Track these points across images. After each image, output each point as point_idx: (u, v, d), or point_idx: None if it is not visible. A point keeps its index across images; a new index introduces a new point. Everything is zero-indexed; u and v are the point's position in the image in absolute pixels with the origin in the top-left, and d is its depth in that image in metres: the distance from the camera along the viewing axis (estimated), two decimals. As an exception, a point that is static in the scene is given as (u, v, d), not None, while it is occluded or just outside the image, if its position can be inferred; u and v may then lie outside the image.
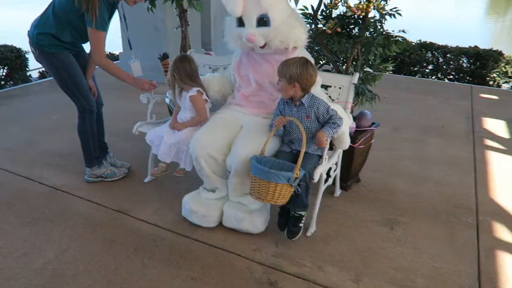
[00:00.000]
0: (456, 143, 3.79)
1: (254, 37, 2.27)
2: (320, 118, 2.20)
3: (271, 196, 2.06)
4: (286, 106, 2.25)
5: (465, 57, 6.24)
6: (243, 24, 2.32)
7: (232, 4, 2.27)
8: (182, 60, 2.47)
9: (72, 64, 2.61)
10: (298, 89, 2.16)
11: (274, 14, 2.27)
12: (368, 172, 3.12)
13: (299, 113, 2.21)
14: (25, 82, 5.40)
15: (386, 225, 2.52)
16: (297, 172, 2.04)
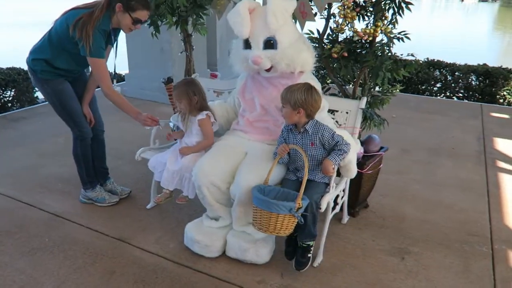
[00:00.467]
0: (468, 165, 3.68)
1: (260, 59, 2.24)
2: (326, 145, 2.13)
3: (273, 227, 1.99)
4: (290, 133, 2.19)
5: (474, 75, 6.17)
6: (250, 46, 2.29)
7: (240, 26, 2.25)
8: (194, 83, 2.44)
9: (64, 91, 2.59)
10: (302, 115, 2.10)
11: (282, 37, 2.24)
12: (377, 197, 3.03)
13: (304, 140, 2.15)
14: (32, 104, 5.43)
15: (396, 255, 2.42)
16: (299, 202, 1.96)
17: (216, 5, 2.85)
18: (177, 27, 2.86)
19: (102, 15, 2.36)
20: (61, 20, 2.44)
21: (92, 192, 2.86)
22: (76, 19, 2.33)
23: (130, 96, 5.64)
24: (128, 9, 2.38)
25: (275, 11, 2.17)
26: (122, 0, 2.37)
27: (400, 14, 2.32)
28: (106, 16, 2.39)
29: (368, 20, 2.43)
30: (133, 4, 2.37)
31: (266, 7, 2.22)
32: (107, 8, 2.39)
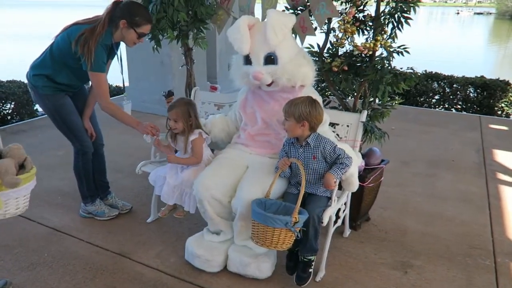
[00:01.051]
0: (468, 177, 3.68)
1: (261, 75, 2.25)
2: (328, 158, 2.13)
3: (270, 241, 1.97)
4: (292, 147, 2.19)
5: (472, 87, 6.21)
6: (250, 62, 2.31)
7: (240, 42, 2.26)
8: (192, 104, 2.44)
9: (65, 106, 2.59)
10: (306, 128, 2.11)
11: (282, 52, 2.25)
12: (378, 210, 3.02)
13: (305, 153, 2.15)
14: (32, 117, 5.43)
15: (399, 268, 2.40)
16: (296, 216, 1.94)
17: (216, 20, 2.88)
18: (178, 41, 2.87)
19: (104, 31, 2.38)
20: (62, 35, 2.45)
21: (92, 206, 2.84)
22: (78, 35, 2.34)
23: (131, 108, 5.64)
24: (132, 25, 2.40)
25: (275, 26, 2.19)
26: (125, 17, 2.39)
27: (400, 29, 2.34)
28: (108, 32, 2.41)
29: (368, 34, 2.46)
30: (137, 20, 2.40)
31: (265, 22, 2.25)
32: (109, 24, 2.41)
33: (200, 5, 2.71)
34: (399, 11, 2.28)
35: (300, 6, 2.53)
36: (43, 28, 23.47)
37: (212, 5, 2.84)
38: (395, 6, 2.29)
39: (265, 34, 2.21)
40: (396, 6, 2.28)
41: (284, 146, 2.24)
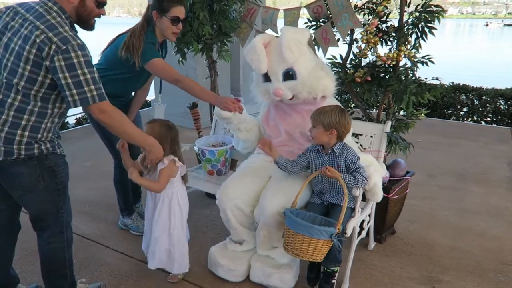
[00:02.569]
0: (499, 191, 3.56)
1: (282, 91, 2.28)
2: (349, 168, 2.12)
3: (306, 252, 1.94)
4: (317, 154, 2.19)
5: (502, 99, 6.03)
6: (269, 79, 2.34)
7: (257, 62, 2.30)
8: (169, 126, 2.16)
9: None
10: (334, 137, 2.10)
11: (300, 68, 2.28)
12: (404, 223, 2.95)
13: (330, 162, 2.14)
14: (63, 129, 5.63)
15: (427, 283, 2.33)
16: (339, 228, 1.93)
17: (240, 33, 2.94)
18: (202, 54, 2.95)
19: (145, 31, 2.39)
20: (111, 48, 2.51)
21: (129, 219, 2.87)
22: (124, 41, 2.38)
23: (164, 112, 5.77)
24: (162, 12, 2.35)
25: (290, 45, 2.21)
26: (155, 8, 2.39)
27: (424, 39, 2.33)
28: (150, 31, 2.41)
29: (391, 45, 2.45)
30: (165, 5, 2.35)
31: (280, 39, 2.26)
32: (148, 24, 2.43)
33: (224, 19, 2.79)
34: (423, 21, 2.27)
35: (323, 18, 2.56)
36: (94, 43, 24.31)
37: (236, 18, 2.91)
38: (419, 16, 2.28)
39: (281, 54, 2.23)
40: (420, 16, 2.28)
41: (307, 151, 2.23)
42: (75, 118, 6.20)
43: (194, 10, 2.68)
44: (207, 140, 2.95)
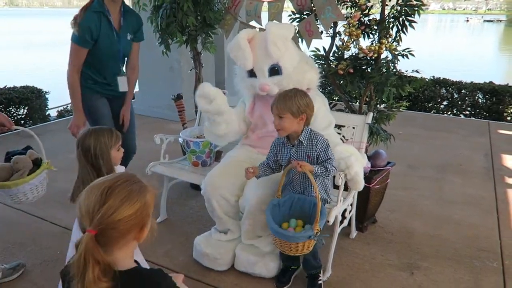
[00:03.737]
0: (476, 181, 3.68)
1: (268, 87, 2.29)
2: (318, 158, 1.98)
3: (295, 250, 1.94)
4: (283, 147, 2.05)
5: (480, 92, 6.20)
6: (255, 75, 2.33)
7: (242, 58, 2.28)
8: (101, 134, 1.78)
9: (96, 109, 2.64)
10: (303, 123, 1.97)
11: (285, 63, 2.28)
12: (385, 212, 3.03)
13: (298, 154, 2.01)
14: (44, 122, 5.55)
15: (406, 269, 2.41)
16: (318, 228, 1.88)
17: (224, 24, 2.95)
18: (187, 45, 2.95)
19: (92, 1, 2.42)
20: None
21: None
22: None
23: (140, 113, 5.75)
24: None
25: (275, 41, 2.21)
26: None
27: (404, 32, 2.38)
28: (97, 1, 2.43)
29: (373, 38, 2.50)
30: None
31: (265, 36, 2.25)
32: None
33: (208, 10, 2.79)
34: (403, 14, 2.32)
35: (306, 11, 2.59)
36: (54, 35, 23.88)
37: (220, 10, 2.91)
38: (400, 10, 2.33)
39: (267, 49, 2.23)
40: (401, 9, 2.33)
41: (272, 148, 2.10)
42: (56, 111, 6.12)
43: (178, 1, 2.67)
44: (191, 131, 2.96)
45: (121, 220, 0.97)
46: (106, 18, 2.46)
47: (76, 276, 0.94)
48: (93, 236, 0.95)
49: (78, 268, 0.93)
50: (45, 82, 6.10)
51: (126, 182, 1.04)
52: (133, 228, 1.01)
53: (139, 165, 3.65)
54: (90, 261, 0.93)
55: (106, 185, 0.99)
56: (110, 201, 0.97)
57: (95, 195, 0.98)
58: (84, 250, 0.93)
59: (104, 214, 0.95)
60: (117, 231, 0.98)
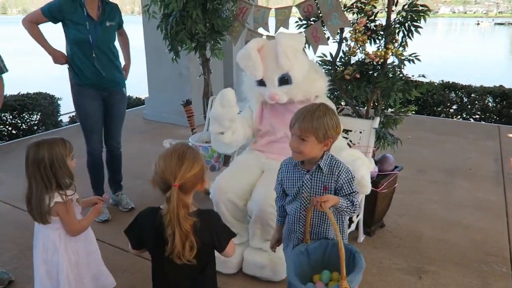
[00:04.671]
0: (485, 185, 3.66)
1: (277, 96, 2.31)
2: (340, 192, 1.60)
3: None
4: (293, 170, 1.66)
5: (490, 96, 6.16)
6: (264, 84, 2.35)
7: (253, 69, 2.30)
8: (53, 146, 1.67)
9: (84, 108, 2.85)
10: (326, 149, 1.60)
11: (295, 72, 2.30)
12: (393, 217, 3.04)
13: (313, 182, 1.61)
14: (56, 127, 5.66)
15: (414, 273, 2.41)
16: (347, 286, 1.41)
17: (232, 31, 3.00)
18: (195, 52, 3.00)
19: None
20: None
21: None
22: None
23: (150, 119, 5.84)
24: None
25: (286, 52, 2.22)
26: None
27: (410, 37, 2.40)
28: None
29: (379, 43, 2.52)
30: None
31: (274, 45, 2.26)
32: None
33: (217, 17, 2.84)
34: (409, 20, 2.34)
35: (313, 17, 2.63)
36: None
37: (228, 17, 2.96)
38: (406, 15, 2.35)
39: (276, 57, 2.25)
40: (407, 15, 2.35)
41: (282, 171, 1.71)
42: (68, 116, 6.23)
43: (188, 9, 2.72)
44: (200, 136, 3.01)
45: (194, 175, 1.37)
46: (81, 8, 2.66)
47: (171, 220, 1.32)
48: (178, 189, 1.32)
49: (173, 213, 1.32)
50: (57, 88, 6.21)
51: (189, 148, 1.42)
52: (199, 180, 1.41)
53: (149, 170, 3.70)
54: (180, 205, 1.32)
55: (179, 152, 1.37)
56: (185, 163, 1.35)
57: (173, 160, 1.35)
58: (176, 199, 1.32)
59: (184, 173, 1.34)
60: (191, 183, 1.38)
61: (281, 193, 1.76)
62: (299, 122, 1.57)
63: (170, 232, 1.34)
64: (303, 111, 1.60)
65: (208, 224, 1.43)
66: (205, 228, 1.40)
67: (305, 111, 1.59)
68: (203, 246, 1.41)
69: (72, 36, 2.69)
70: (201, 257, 1.42)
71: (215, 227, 1.47)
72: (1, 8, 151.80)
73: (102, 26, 2.73)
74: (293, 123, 1.59)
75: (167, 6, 2.76)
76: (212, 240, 1.45)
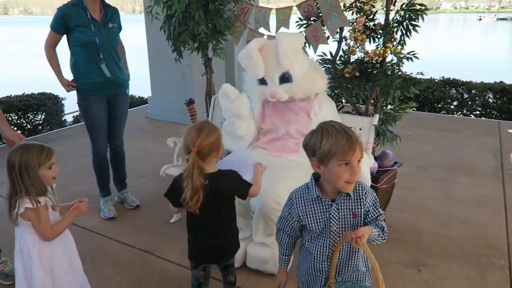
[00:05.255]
0: (485, 181, 3.71)
1: (278, 94, 2.37)
2: (367, 216, 1.43)
3: None
4: (317, 204, 1.43)
5: (490, 92, 6.19)
6: (265, 83, 2.41)
7: (254, 69, 2.36)
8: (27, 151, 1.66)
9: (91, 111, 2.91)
10: None
11: (295, 71, 2.36)
12: (393, 212, 3.09)
13: (341, 212, 1.41)
14: (61, 127, 5.73)
15: (413, 267, 2.47)
16: None
17: (234, 31, 3.06)
18: (198, 52, 3.05)
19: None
20: None
21: (101, 200, 3.17)
22: None
23: (154, 118, 5.91)
24: None
25: (287, 51, 2.28)
26: None
27: (408, 36, 2.45)
28: None
29: (378, 42, 2.57)
30: None
31: (275, 44, 2.32)
32: None
33: (219, 18, 2.89)
34: (407, 19, 2.39)
35: (313, 17, 2.68)
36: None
37: (230, 18, 3.01)
38: (404, 15, 2.40)
39: (276, 55, 2.30)
40: (405, 14, 2.40)
41: (297, 205, 1.46)
42: (72, 116, 6.30)
43: (190, 10, 2.78)
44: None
45: (209, 143, 1.66)
46: (84, 12, 2.71)
47: (187, 177, 1.64)
48: (195, 153, 1.63)
49: (189, 171, 1.63)
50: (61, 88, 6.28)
51: (207, 123, 1.77)
52: (214, 149, 1.70)
53: (154, 169, 3.78)
54: (195, 166, 1.63)
55: (198, 126, 1.71)
56: (202, 134, 1.66)
57: (193, 132, 1.67)
58: (192, 161, 1.63)
59: (201, 141, 1.64)
60: (207, 150, 1.67)
61: (292, 230, 1.53)
62: (358, 142, 1.32)
63: (185, 185, 1.65)
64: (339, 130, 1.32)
65: (228, 178, 1.76)
66: (226, 181, 1.74)
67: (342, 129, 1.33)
68: (226, 196, 1.77)
69: (78, 40, 2.73)
70: (226, 205, 1.80)
71: (233, 179, 1.78)
72: (3, 9, 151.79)
73: (106, 27, 2.79)
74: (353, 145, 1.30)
75: (170, 7, 2.81)
76: (233, 191, 1.79)
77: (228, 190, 1.77)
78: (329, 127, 1.35)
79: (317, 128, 1.40)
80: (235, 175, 1.80)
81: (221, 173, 1.76)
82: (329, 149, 1.31)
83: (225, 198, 1.78)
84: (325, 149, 1.32)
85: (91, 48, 2.74)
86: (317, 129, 1.39)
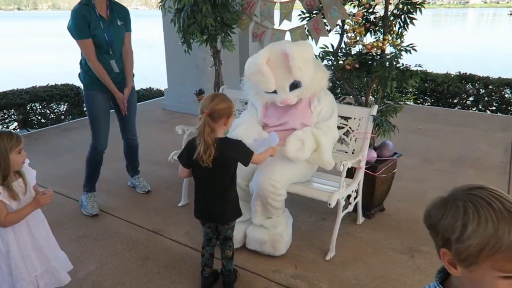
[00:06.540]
0: (491, 175, 3.71)
1: (289, 100, 2.46)
2: None
3: None
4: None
5: (508, 88, 6.10)
6: (275, 91, 2.47)
7: (266, 83, 2.41)
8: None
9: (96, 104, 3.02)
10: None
11: (305, 78, 2.43)
12: (394, 202, 3.16)
13: None
14: (82, 116, 6.00)
15: (407, 253, 2.55)
16: None
17: (241, 24, 3.18)
18: (207, 44, 3.19)
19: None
20: None
21: (84, 195, 3.14)
22: None
23: (170, 109, 6.11)
24: None
25: (299, 65, 2.33)
26: None
27: (405, 29, 2.52)
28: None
29: (378, 34, 2.65)
30: None
31: (280, 51, 2.36)
32: None
33: (226, 11, 3.02)
34: (405, 12, 2.46)
35: (315, 10, 2.77)
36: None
37: (238, 11, 3.13)
38: (401, 8, 2.47)
39: (285, 64, 2.36)
40: (402, 7, 2.47)
41: None
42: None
43: (198, 4, 2.91)
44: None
45: (220, 109, 1.95)
46: (93, 10, 2.81)
47: (200, 133, 1.93)
48: (207, 115, 1.91)
49: (201, 129, 1.91)
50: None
51: (221, 94, 2.11)
52: (224, 115, 1.97)
53: (166, 156, 3.94)
54: (206, 124, 1.91)
55: (213, 94, 2.05)
56: (215, 100, 1.95)
57: (209, 98, 1.97)
58: (204, 120, 1.91)
59: (213, 105, 1.93)
60: (218, 114, 1.94)
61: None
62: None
63: (198, 142, 1.95)
64: (499, 209, 0.78)
65: (233, 145, 2.03)
66: (231, 148, 2.01)
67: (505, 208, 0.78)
68: (230, 160, 2.03)
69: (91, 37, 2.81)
70: (229, 170, 2.06)
71: (238, 146, 2.06)
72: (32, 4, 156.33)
73: (114, 24, 2.89)
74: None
75: (179, 1, 2.96)
76: (236, 156, 2.05)
77: (233, 155, 2.02)
78: (479, 201, 0.83)
79: (457, 199, 0.88)
80: (241, 144, 2.06)
81: (229, 140, 2.04)
82: (482, 244, 0.80)
83: (229, 163, 2.03)
84: (474, 243, 0.81)
85: (101, 45, 2.85)
86: (456, 201, 0.87)
